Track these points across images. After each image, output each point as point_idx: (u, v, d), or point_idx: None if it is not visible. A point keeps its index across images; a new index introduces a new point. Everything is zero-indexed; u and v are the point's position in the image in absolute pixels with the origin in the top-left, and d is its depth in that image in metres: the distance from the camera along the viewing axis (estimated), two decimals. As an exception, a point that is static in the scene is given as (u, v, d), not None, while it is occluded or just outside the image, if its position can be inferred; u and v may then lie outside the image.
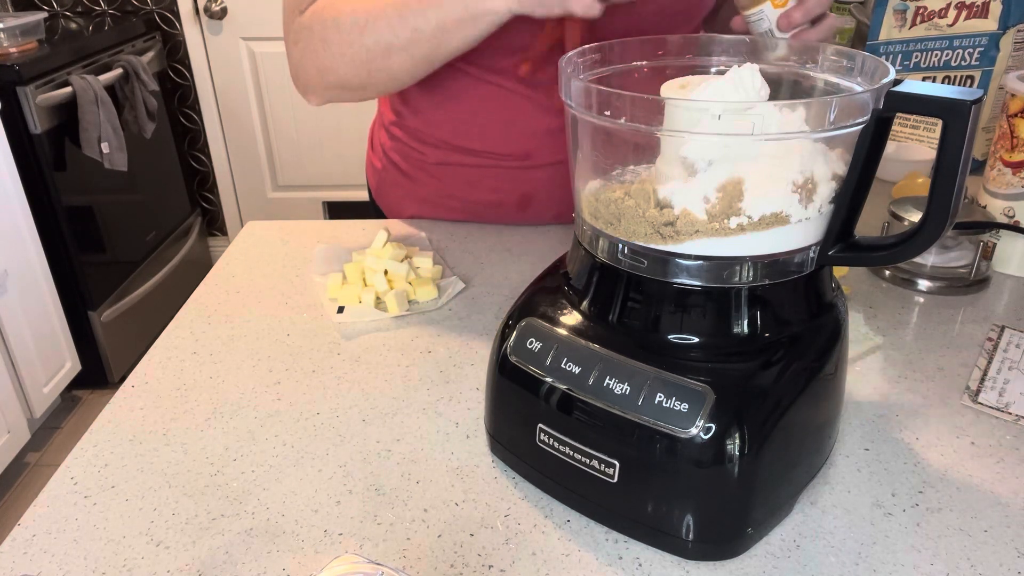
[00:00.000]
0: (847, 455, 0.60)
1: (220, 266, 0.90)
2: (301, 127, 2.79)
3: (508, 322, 0.58)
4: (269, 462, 0.60)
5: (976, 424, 0.63)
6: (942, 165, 0.48)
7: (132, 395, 0.68)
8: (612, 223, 0.52)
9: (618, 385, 0.50)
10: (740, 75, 0.49)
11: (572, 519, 0.55)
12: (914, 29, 1.13)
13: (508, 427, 0.58)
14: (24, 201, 1.96)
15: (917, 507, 0.55)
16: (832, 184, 0.51)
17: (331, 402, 0.67)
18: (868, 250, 0.53)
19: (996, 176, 0.86)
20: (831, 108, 0.47)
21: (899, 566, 0.50)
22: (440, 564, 0.51)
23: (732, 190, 0.49)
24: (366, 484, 0.58)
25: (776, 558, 0.51)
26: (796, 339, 0.52)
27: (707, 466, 0.49)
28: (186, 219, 2.78)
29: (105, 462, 0.60)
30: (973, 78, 1.09)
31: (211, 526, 0.54)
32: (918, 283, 0.83)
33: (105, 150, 2.12)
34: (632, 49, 0.61)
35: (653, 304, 0.52)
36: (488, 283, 0.85)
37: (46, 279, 2.05)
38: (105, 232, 2.27)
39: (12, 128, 1.93)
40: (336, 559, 0.39)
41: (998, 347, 0.73)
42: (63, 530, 0.54)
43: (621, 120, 0.49)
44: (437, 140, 0.95)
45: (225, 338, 0.76)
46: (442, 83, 0.90)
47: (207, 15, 2.63)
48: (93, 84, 2.08)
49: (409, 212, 1.02)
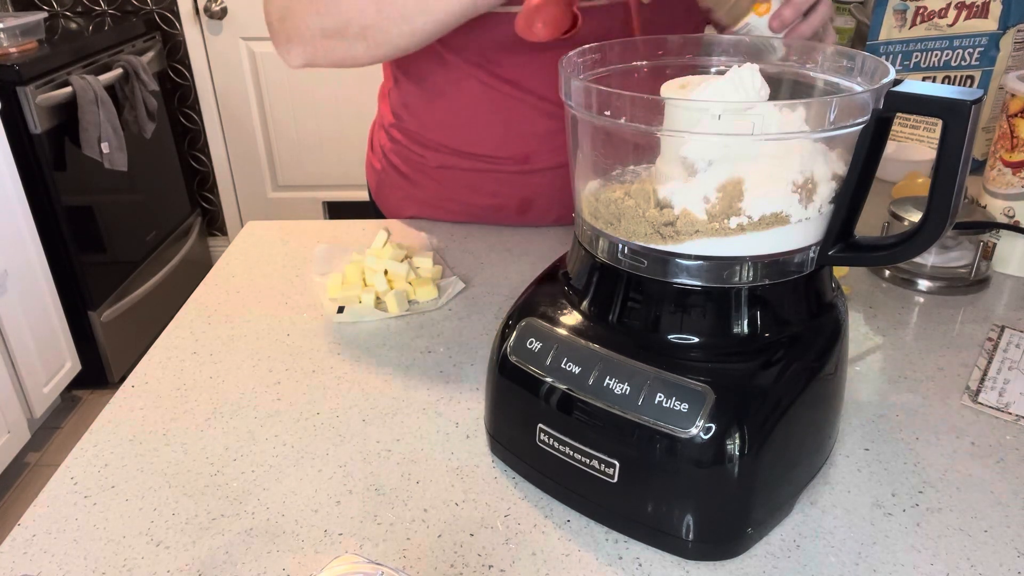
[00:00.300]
0: (847, 455, 0.60)
1: (220, 266, 0.90)
2: (301, 127, 2.79)
3: (508, 322, 0.58)
4: (269, 462, 0.60)
5: (976, 424, 0.63)
6: (942, 165, 0.48)
7: (132, 395, 0.68)
8: (612, 223, 0.52)
9: (618, 385, 0.50)
10: (740, 75, 0.49)
11: (572, 519, 0.55)
12: (914, 29, 1.13)
13: (508, 427, 0.58)
14: (24, 201, 1.96)
15: (917, 507, 0.55)
16: (832, 184, 0.51)
17: (331, 402, 0.67)
18: (868, 250, 0.53)
19: (996, 176, 0.86)
20: (831, 108, 0.47)
21: (899, 566, 0.50)
22: (440, 564, 0.51)
23: (732, 190, 0.49)
24: (366, 484, 0.58)
25: (776, 558, 0.51)
26: (796, 339, 0.52)
27: (707, 466, 0.49)
28: (186, 219, 2.78)
29: (105, 462, 0.60)
30: (973, 78, 1.09)
31: (211, 526, 0.54)
32: (918, 283, 0.83)
33: (105, 150, 2.12)
34: (632, 49, 0.61)
35: (653, 304, 0.52)
36: (488, 283, 0.85)
37: (46, 279, 2.05)
38: (105, 232, 2.27)
39: (12, 128, 1.93)
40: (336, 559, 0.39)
41: (998, 347, 0.73)
42: (63, 530, 0.54)
43: (621, 120, 0.49)
44: (436, 144, 0.95)
45: (225, 338, 0.76)
46: (439, 84, 0.90)
47: (207, 15, 2.63)
48: (93, 84, 2.08)
49: (409, 213, 1.02)
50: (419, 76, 0.92)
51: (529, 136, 0.90)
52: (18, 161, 1.94)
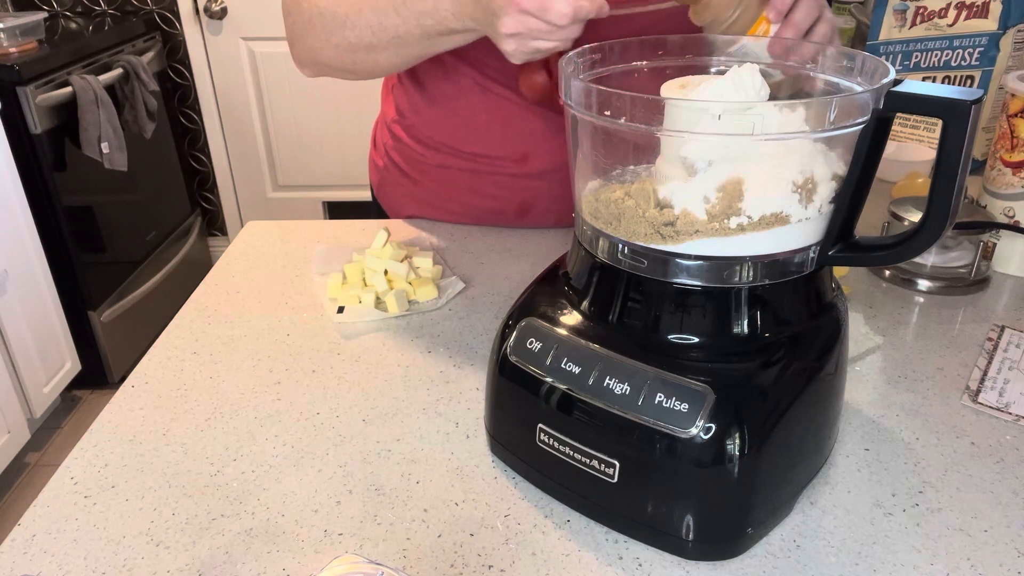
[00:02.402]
0: (847, 455, 0.60)
1: (220, 266, 0.90)
2: (301, 127, 2.79)
3: (508, 322, 0.58)
4: (269, 462, 0.60)
5: (976, 424, 0.63)
6: (942, 165, 0.48)
7: (132, 395, 0.68)
8: (612, 223, 0.52)
9: (618, 385, 0.50)
10: (740, 75, 0.49)
11: (572, 519, 0.55)
12: (914, 29, 1.13)
13: (508, 427, 0.58)
14: (24, 201, 1.96)
15: (917, 507, 0.55)
16: (832, 184, 0.51)
17: (331, 402, 0.67)
18: (868, 250, 0.53)
19: (996, 176, 0.86)
20: (831, 108, 0.47)
21: (899, 566, 0.50)
22: (440, 564, 0.51)
23: (732, 190, 0.49)
24: (366, 484, 0.58)
25: (776, 558, 0.51)
26: (796, 339, 0.52)
27: (707, 466, 0.49)
28: (186, 219, 2.78)
29: (105, 462, 0.60)
30: (973, 78, 1.09)
31: (211, 526, 0.54)
32: (918, 283, 0.83)
33: (105, 150, 2.12)
34: (632, 49, 0.61)
35: (653, 304, 0.52)
36: (488, 283, 0.85)
37: (46, 279, 2.05)
38: (105, 232, 2.27)
39: (12, 128, 1.93)
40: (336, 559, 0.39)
41: (998, 347, 0.73)
42: (63, 530, 0.54)
43: (621, 120, 0.49)
44: (436, 142, 0.95)
45: (225, 338, 0.76)
46: (437, 83, 0.91)
47: (207, 15, 2.62)
48: (93, 84, 2.08)
49: (410, 212, 1.02)
50: (418, 74, 0.93)
51: (526, 135, 0.90)
52: (18, 161, 1.94)
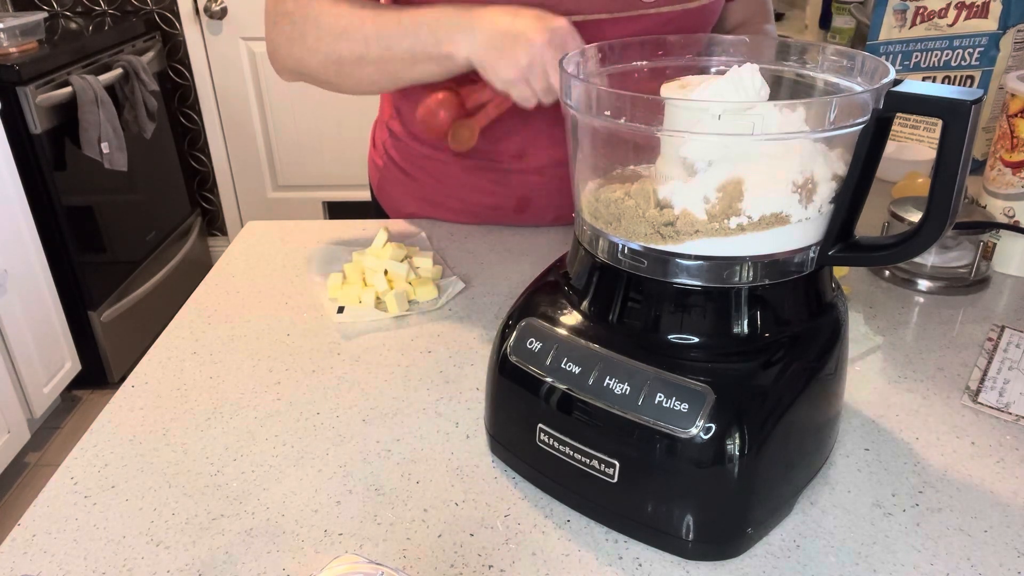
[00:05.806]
0: (847, 455, 0.60)
1: (220, 266, 0.90)
2: (301, 127, 2.79)
3: (508, 322, 0.58)
4: (269, 462, 0.60)
5: (976, 424, 0.63)
6: (942, 165, 0.48)
7: (132, 395, 0.68)
8: (612, 223, 0.52)
9: (618, 385, 0.50)
10: (740, 75, 0.49)
11: (572, 519, 0.55)
12: (914, 29, 1.13)
13: (508, 427, 0.58)
14: (24, 201, 1.96)
15: (917, 507, 0.55)
16: (832, 184, 0.51)
17: (331, 402, 0.67)
18: (868, 250, 0.53)
19: (996, 176, 0.86)
20: (831, 108, 0.47)
21: (899, 566, 0.50)
22: (440, 564, 0.51)
23: (732, 190, 0.49)
24: (366, 484, 0.58)
25: (776, 558, 0.51)
26: (796, 339, 0.52)
27: (707, 466, 0.49)
28: (186, 219, 2.78)
29: (105, 462, 0.60)
30: (973, 78, 1.09)
31: (211, 526, 0.54)
32: (918, 283, 0.83)
33: (105, 150, 2.12)
34: (632, 49, 0.61)
35: (653, 304, 0.52)
36: (488, 283, 0.85)
37: (46, 279, 2.05)
38: (105, 232, 2.27)
39: (12, 128, 1.93)
40: (336, 559, 0.39)
41: (998, 347, 0.73)
42: (63, 530, 0.54)
43: (621, 120, 0.49)
44: None
45: (225, 338, 0.76)
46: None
47: (207, 15, 2.62)
48: (93, 84, 2.08)
49: (409, 210, 1.02)
50: None
51: (522, 129, 0.90)
52: (18, 161, 1.94)
